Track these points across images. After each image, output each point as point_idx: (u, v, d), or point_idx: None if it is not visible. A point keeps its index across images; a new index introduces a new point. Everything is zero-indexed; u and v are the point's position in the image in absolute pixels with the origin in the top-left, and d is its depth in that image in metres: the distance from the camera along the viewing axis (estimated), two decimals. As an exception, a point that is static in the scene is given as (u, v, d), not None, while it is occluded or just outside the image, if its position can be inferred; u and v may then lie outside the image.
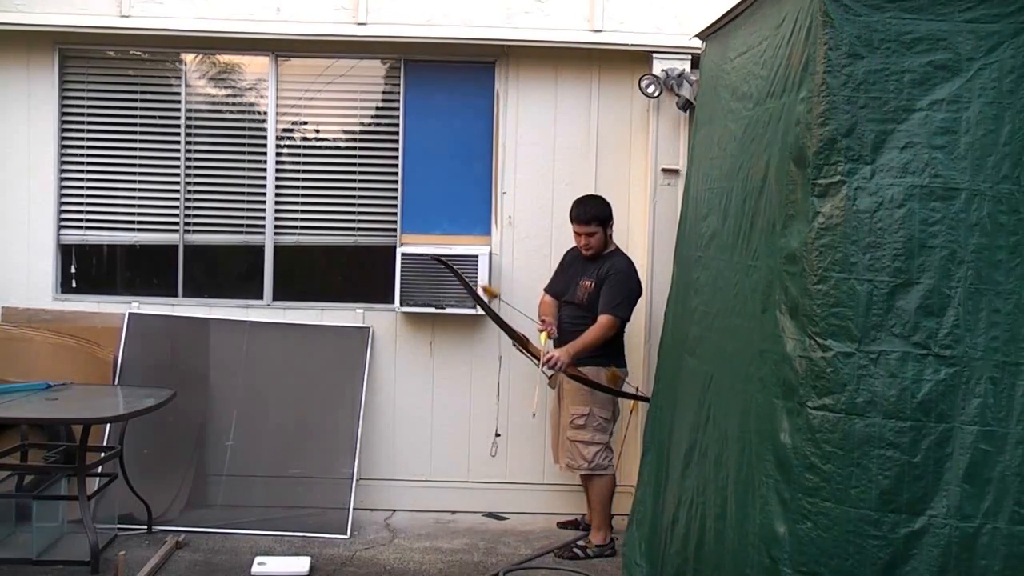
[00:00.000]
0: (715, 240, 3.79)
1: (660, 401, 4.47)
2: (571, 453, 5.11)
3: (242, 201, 5.83)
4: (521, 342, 5.07)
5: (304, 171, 5.83)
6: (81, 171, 5.81)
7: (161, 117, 5.80)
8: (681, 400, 4.03)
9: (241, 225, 5.84)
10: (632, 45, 5.54)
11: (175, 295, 5.80)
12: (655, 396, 4.62)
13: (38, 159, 5.74)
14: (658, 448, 4.34)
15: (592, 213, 5.11)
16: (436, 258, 5.29)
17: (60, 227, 5.79)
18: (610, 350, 5.08)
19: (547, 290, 5.34)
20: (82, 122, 5.79)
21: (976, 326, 2.71)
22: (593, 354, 4.98)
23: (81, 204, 5.82)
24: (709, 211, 3.93)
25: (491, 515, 5.73)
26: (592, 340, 4.92)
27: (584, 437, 5.06)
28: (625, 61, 5.62)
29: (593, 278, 5.08)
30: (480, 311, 5.43)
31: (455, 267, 5.17)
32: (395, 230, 5.79)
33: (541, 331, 5.06)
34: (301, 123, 5.87)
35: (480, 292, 5.30)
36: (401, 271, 5.58)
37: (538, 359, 4.94)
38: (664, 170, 5.59)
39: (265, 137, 5.78)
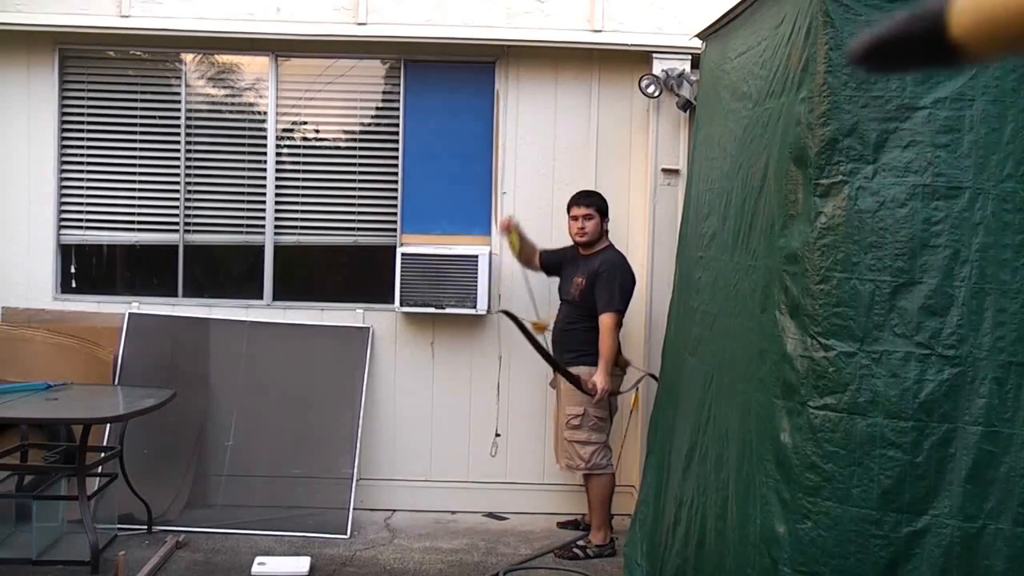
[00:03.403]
0: (716, 240, 3.79)
1: (663, 402, 4.47)
2: (569, 453, 5.12)
3: (242, 201, 5.83)
4: (575, 382, 4.93)
5: (304, 171, 5.82)
6: (81, 171, 5.81)
7: (161, 117, 5.80)
8: (682, 400, 4.03)
9: (241, 225, 5.84)
10: (632, 45, 5.53)
11: (175, 295, 5.79)
12: (658, 397, 4.62)
13: (38, 159, 5.74)
14: (660, 449, 4.34)
15: (592, 198, 5.20)
16: (506, 313, 4.95)
17: (60, 227, 5.79)
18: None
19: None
20: (82, 122, 5.79)
21: (980, 326, 2.70)
22: (585, 352, 4.99)
23: (81, 204, 5.81)
24: (710, 211, 3.93)
25: (491, 515, 5.73)
26: (609, 347, 4.92)
27: (580, 437, 5.07)
28: (625, 61, 5.62)
29: (585, 275, 5.09)
30: (480, 312, 5.45)
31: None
32: (395, 230, 5.79)
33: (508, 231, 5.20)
34: (301, 123, 5.87)
35: (530, 327, 5.03)
36: (401, 271, 5.57)
37: (592, 395, 4.88)
38: (664, 170, 5.59)
39: (265, 137, 5.77)
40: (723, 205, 3.72)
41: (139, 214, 5.82)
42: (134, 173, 5.81)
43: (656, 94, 5.50)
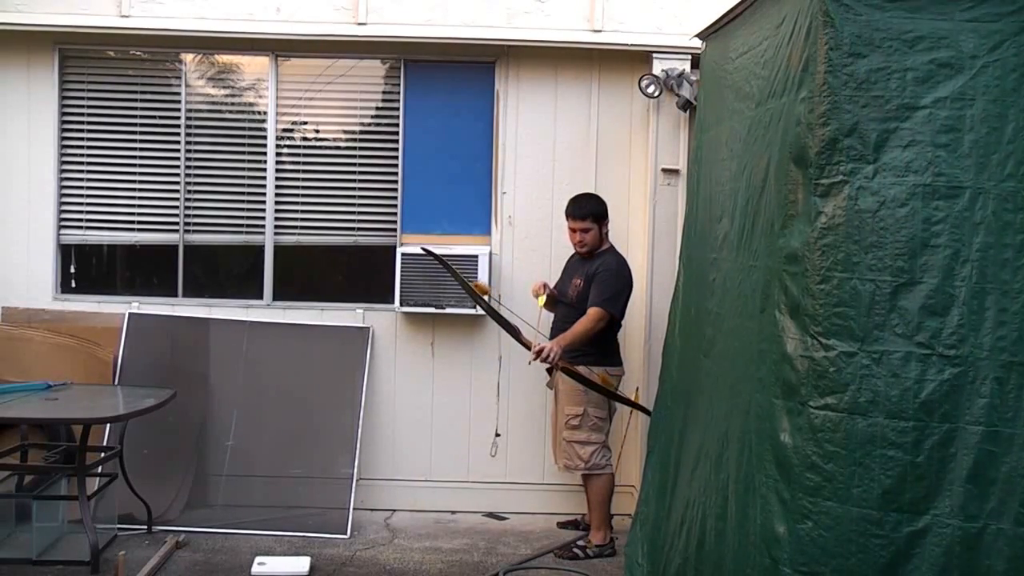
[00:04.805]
0: (726, 241, 3.78)
1: (665, 402, 4.46)
2: (568, 453, 5.12)
3: (242, 201, 5.83)
4: (513, 333, 5.06)
5: (304, 171, 5.82)
6: (81, 171, 5.80)
7: (161, 117, 5.80)
8: (693, 401, 4.01)
9: (241, 225, 5.84)
10: (632, 45, 5.54)
11: (175, 295, 5.79)
12: (659, 397, 4.61)
13: (38, 159, 5.74)
14: (663, 449, 4.33)
15: (587, 209, 5.13)
16: (427, 251, 5.29)
17: (60, 227, 5.79)
18: (602, 349, 5.06)
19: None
20: (82, 122, 5.79)
21: (981, 326, 2.70)
22: (584, 352, 4.97)
23: (81, 204, 5.81)
24: (722, 212, 3.92)
25: (491, 515, 5.73)
26: (581, 331, 4.90)
27: (580, 437, 5.06)
28: (625, 61, 5.62)
29: (583, 276, 5.08)
30: (481, 311, 5.43)
31: (451, 264, 5.18)
32: (395, 230, 5.79)
33: (537, 295, 5.09)
34: (301, 123, 5.87)
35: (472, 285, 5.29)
36: (401, 271, 5.58)
37: (529, 349, 4.94)
38: (664, 170, 5.58)
39: (265, 137, 5.77)
40: (731, 206, 3.72)
41: (139, 214, 5.82)
42: (134, 173, 5.81)
43: (656, 94, 5.50)
